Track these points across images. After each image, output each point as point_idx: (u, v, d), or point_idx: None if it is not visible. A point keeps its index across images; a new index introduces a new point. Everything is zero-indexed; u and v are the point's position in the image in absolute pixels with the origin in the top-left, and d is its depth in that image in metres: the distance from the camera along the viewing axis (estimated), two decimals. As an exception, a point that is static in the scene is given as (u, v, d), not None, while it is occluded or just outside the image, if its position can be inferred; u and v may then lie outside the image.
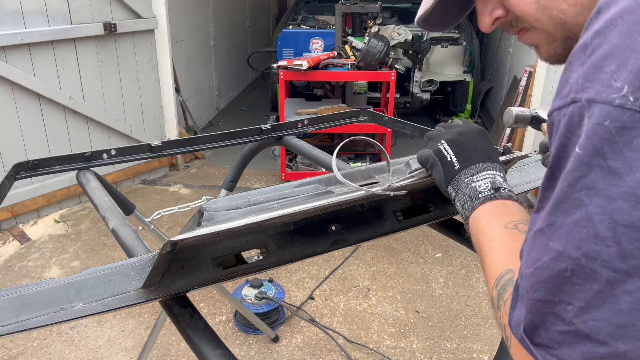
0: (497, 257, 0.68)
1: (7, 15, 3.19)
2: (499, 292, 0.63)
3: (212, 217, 0.81)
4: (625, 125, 0.44)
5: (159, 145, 1.51)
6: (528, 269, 0.53)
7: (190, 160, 4.78)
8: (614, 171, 0.45)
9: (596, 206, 0.46)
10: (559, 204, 0.50)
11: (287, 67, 3.76)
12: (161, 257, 0.78)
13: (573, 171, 0.48)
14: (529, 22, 0.67)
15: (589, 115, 0.47)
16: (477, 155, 0.82)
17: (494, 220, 0.74)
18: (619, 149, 0.45)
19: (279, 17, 7.35)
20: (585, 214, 0.47)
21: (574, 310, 0.48)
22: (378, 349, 2.54)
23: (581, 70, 0.49)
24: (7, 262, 3.21)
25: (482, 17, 0.73)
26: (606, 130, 0.45)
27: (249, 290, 2.70)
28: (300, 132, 1.76)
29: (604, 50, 0.47)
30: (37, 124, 3.51)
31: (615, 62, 0.46)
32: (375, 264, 3.22)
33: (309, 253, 0.97)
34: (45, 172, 1.41)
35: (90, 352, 2.52)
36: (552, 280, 0.49)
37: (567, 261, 0.48)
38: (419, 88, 4.97)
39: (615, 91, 0.45)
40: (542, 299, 0.50)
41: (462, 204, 0.80)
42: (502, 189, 0.78)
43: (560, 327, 0.49)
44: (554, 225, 0.50)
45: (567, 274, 0.48)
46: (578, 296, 0.48)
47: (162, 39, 4.20)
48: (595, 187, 0.46)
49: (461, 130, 0.86)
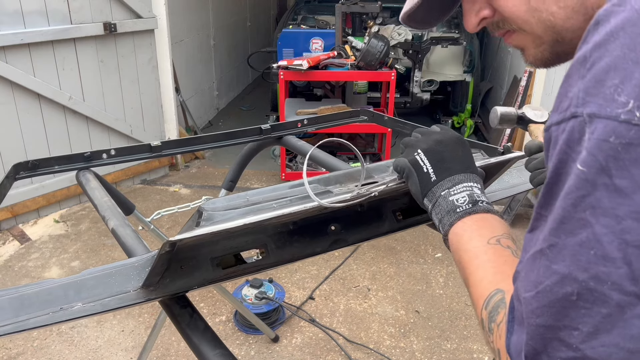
0: (484, 276, 0.65)
1: (7, 15, 3.19)
2: (489, 314, 0.60)
3: (211, 217, 0.81)
4: (631, 142, 0.43)
5: (158, 145, 1.51)
6: (528, 292, 0.50)
7: (190, 160, 4.78)
8: (621, 190, 0.43)
9: (603, 226, 0.44)
10: (561, 224, 0.47)
11: (287, 67, 3.76)
12: (160, 257, 0.78)
13: (576, 189, 0.46)
14: (516, 24, 0.65)
15: (590, 130, 0.45)
16: (454, 166, 0.79)
17: (475, 236, 0.71)
18: (624, 166, 0.43)
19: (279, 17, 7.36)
20: (591, 235, 0.45)
21: (580, 335, 0.46)
22: (378, 349, 2.54)
23: (581, 83, 0.47)
24: (7, 262, 3.21)
25: (469, 16, 0.72)
26: (611, 147, 0.43)
27: (249, 290, 2.70)
28: (300, 132, 1.76)
29: (605, 63, 0.45)
30: (37, 124, 3.51)
31: (619, 76, 0.44)
32: (375, 264, 3.22)
33: (308, 253, 0.97)
34: (45, 172, 1.41)
35: (90, 352, 2.52)
36: (557, 305, 0.47)
37: (573, 284, 0.46)
38: (419, 88, 4.97)
39: (620, 106, 0.43)
40: (546, 325, 0.48)
41: (439, 218, 0.77)
42: (479, 202, 0.75)
43: (565, 354, 0.47)
44: (557, 247, 0.47)
45: (573, 297, 0.46)
46: (585, 321, 0.45)
47: (162, 39, 4.20)
48: (602, 207, 0.44)
49: (438, 138, 0.82)
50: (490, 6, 0.68)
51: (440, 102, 5.67)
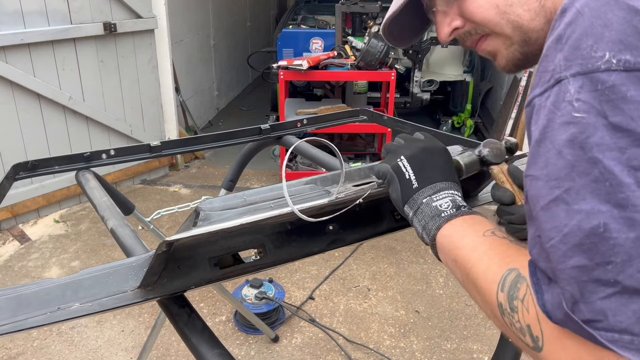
0: (490, 264, 0.65)
1: (7, 15, 3.19)
2: (509, 293, 0.59)
3: (208, 217, 0.81)
4: (614, 84, 0.49)
5: (158, 146, 1.51)
6: (553, 239, 0.52)
7: (190, 160, 4.79)
8: (618, 125, 0.49)
9: (611, 159, 0.49)
10: (572, 168, 0.51)
11: (287, 67, 3.76)
12: (157, 257, 0.78)
13: (580, 134, 0.50)
14: (488, 27, 0.72)
15: (577, 86, 0.51)
16: (436, 175, 0.79)
17: (469, 232, 0.71)
18: (615, 105, 0.49)
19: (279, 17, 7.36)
20: (603, 169, 0.49)
21: (615, 267, 0.47)
22: (378, 349, 2.54)
23: (560, 54, 0.54)
24: (7, 262, 3.21)
25: (441, 27, 0.78)
26: (601, 93, 0.50)
27: (249, 290, 2.70)
28: (300, 132, 1.76)
29: (578, 33, 0.52)
30: (37, 124, 3.51)
31: (592, 39, 0.51)
32: (375, 264, 3.22)
33: (306, 253, 0.97)
34: (45, 172, 1.41)
35: (90, 352, 2.52)
36: (586, 242, 0.49)
37: (598, 217, 0.48)
38: (419, 88, 4.97)
39: (598, 60, 0.50)
40: (579, 265, 0.49)
41: (423, 224, 0.77)
42: (462, 207, 0.76)
43: (603, 292, 0.48)
44: (573, 189, 0.50)
45: (600, 229, 0.48)
46: (617, 251, 0.47)
47: (162, 39, 4.20)
48: (605, 143, 0.49)
49: (422, 146, 0.83)
50: (461, 17, 0.75)
51: (440, 102, 5.67)
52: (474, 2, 0.72)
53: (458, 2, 0.74)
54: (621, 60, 0.49)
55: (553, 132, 0.53)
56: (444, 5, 0.76)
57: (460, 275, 0.70)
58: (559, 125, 0.52)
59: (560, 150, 0.52)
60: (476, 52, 0.79)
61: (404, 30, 0.87)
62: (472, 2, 0.72)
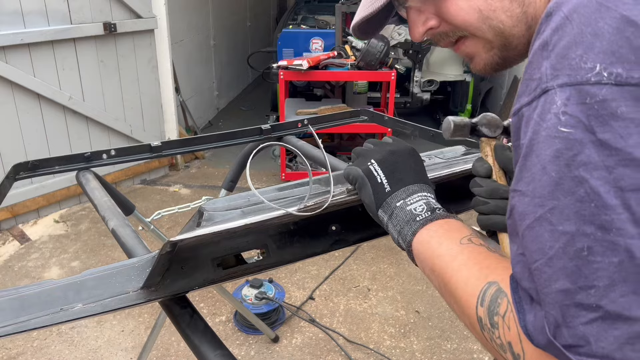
0: (469, 275, 0.62)
1: (7, 15, 3.19)
2: (488, 309, 0.58)
3: (212, 218, 0.81)
4: (605, 98, 0.47)
5: (158, 146, 1.51)
6: (538, 261, 0.50)
7: (190, 160, 4.78)
8: (606, 143, 0.47)
9: (597, 179, 0.46)
10: (557, 186, 0.49)
11: (287, 67, 3.75)
12: (161, 257, 0.77)
13: (567, 150, 0.48)
14: (469, 31, 0.69)
15: (563, 98, 0.49)
16: (408, 177, 0.78)
17: (445, 240, 0.69)
18: (605, 121, 0.47)
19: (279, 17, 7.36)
20: (589, 189, 0.47)
21: (598, 292, 0.46)
22: (378, 349, 2.54)
23: (547, 62, 0.51)
24: (7, 262, 3.20)
25: (415, 26, 0.74)
26: (589, 107, 0.47)
27: (249, 290, 2.69)
28: (300, 132, 1.76)
29: (566, 41, 0.50)
30: (37, 124, 3.51)
31: (581, 48, 0.48)
32: (375, 264, 3.22)
33: (309, 253, 0.97)
34: (45, 172, 1.41)
35: (90, 353, 2.52)
36: (570, 266, 0.48)
37: (582, 240, 0.47)
38: (419, 88, 4.97)
39: (588, 71, 0.48)
40: (562, 289, 0.48)
41: (398, 230, 0.75)
42: (437, 209, 0.74)
43: (585, 317, 0.47)
44: (557, 208, 0.49)
45: (584, 253, 0.47)
46: (600, 275, 0.46)
47: (162, 39, 4.20)
48: (592, 162, 0.47)
49: (392, 149, 0.81)
50: (436, 17, 0.72)
51: (440, 102, 5.67)
52: (454, 4, 0.68)
53: (435, 1, 0.70)
54: (612, 73, 0.47)
55: (538, 145, 0.51)
56: (418, 2, 0.72)
57: (438, 284, 0.68)
58: (544, 139, 0.50)
59: (544, 166, 0.50)
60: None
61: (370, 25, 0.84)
62: (452, 4, 0.68)
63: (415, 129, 1.69)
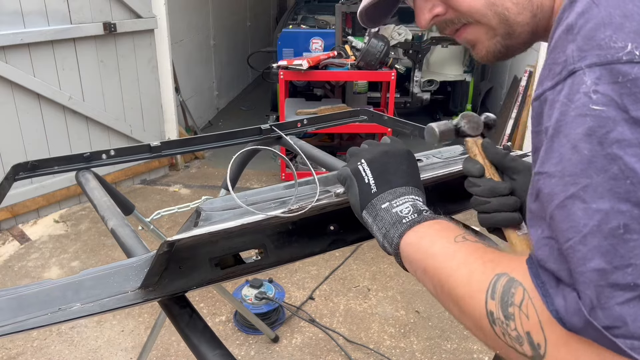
0: (472, 271, 0.60)
1: (6, 15, 3.19)
2: (502, 300, 0.55)
3: (209, 217, 0.81)
4: (638, 76, 0.47)
5: (158, 146, 1.51)
6: (571, 240, 0.49)
7: (190, 160, 4.78)
8: (639, 120, 0.46)
9: (632, 155, 0.46)
10: (589, 164, 0.48)
11: (287, 67, 3.75)
12: (158, 257, 0.78)
13: (599, 128, 0.48)
14: (474, 17, 0.70)
15: (595, 77, 0.48)
16: (396, 179, 0.76)
17: (438, 239, 0.67)
18: (638, 99, 0.46)
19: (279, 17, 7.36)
20: (623, 166, 0.46)
21: (635, 271, 0.45)
22: (378, 349, 2.54)
23: (573, 45, 0.51)
24: (7, 262, 3.20)
25: (421, 13, 0.74)
26: (622, 86, 0.47)
27: (249, 290, 2.69)
28: (300, 132, 1.76)
29: (594, 23, 0.50)
30: (37, 124, 3.51)
31: (610, 29, 0.48)
32: (375, 264, 3.22)
33: (307, 253, 0.97)
34: (45, 172, 1.41)
35: (90, 353, 2.52)
36: (605, 244, 0.46)
37: (618, 217, 0.46)
38: (419, 88, 4.97)
39: (619, 50, 0.47)
40: (598, 268, 0.46)
41: (384, 232, 0.73)
42: (424, 211, 0.73)
43: (622, 297, 0.45)
44: (591, 186, 0.48)
45: (620, 231, 0.46)
46: (637, 253, 0.45)
47: (162, 39, 4.20)
48: (626, 139, 0.46)
49: (384, 150, 0.80)
50: (443, 4, 0.72)
51: (440, 102, 5.67)
52: None
53: None
54: None
55: (567, 125, 0.50)
56: None
57: (433, 286, 0.65)
58: (574, 118, 0.49)
59: (575, 145, 0.49)
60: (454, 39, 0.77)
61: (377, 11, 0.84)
62: None
63: (415, 129, 1.69)
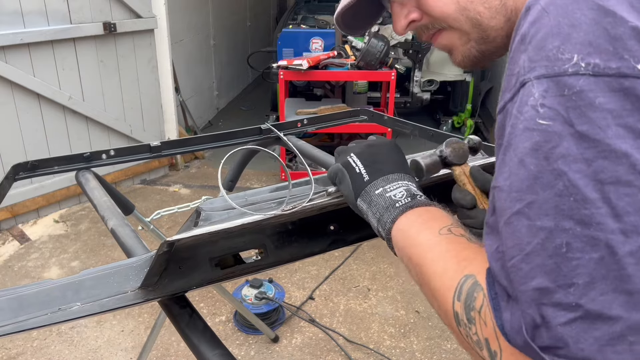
0: (446, 267, 0.60)
1: (6, 15, 3.19)
2: (465, 303, 0.55)
3: (209, 217, 0.81)
4: (582, 89, 0.46)
5: (158, 146, 1.51)
6: (515, 258, 0.48)
7: (190, 160, 4.78)
8: (585, 135, 0.46)
9: (576, 172, 0.45)
10: (535, 180, 0.47)
11: (287, 66, 3.75)
12: (158, 257, 0.77)
13: (546, 143, 0.47)
14: (447, 22, 0.69)
15: (542, 90, 0.48)
16: (388, 167, 0.77)
17: (424, 229, 0.67)
18: (582, 113, 0.46)
19: (279, 17, 7.35)
20: (567, 182, 0.46)
21: (577, 290, 0.44)
22: (378, 349, 2.53)
23: (524, 55, 0.50)
24: (7, 262, 3.20)
25: (398, 19, 0.74)
26: (568, 99, 0.46)
27: (249, 290, 2.69)
28: (300, 132, 1.76)
29: (543, 32, 0.49)
30: (37, 124, 3.51)
31: (558, 40, 0.48)
32: (375, 264, 3.22)
33: (307, 253, 0.97)
34: (45, 172, 1.41)
35: (89, 353, 2.52)
36: (548, 263, 0.46)
37: (561, 235, 0.45)
38: (419, 88, 4.97)
39: (565, 62, 0.47)
40: (540, 287, 0.46)
41: (378, 217, 0.73)
42: (418, 196, 0.73)
43: (565, 317, 0.45)
44: (536, 203, 0.47)
45: (563, 249, 0.45)
46: (579, 272, 0.44)
47: (162, 38, 4.19)
48: (571, 154, 0.46)
49: (371, 143, 0.82)
50: (418, 9, 0.72)
51: (440, 102, 5.67)
52: None
53: None
54: (590, 64, 0.46)
55: (516, 139, 0.49)
56: None
57: (415, 275, 0.66)
58: (522, 132, 0.49)
59: (522, 159, 0.48)
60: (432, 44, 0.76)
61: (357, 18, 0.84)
62: None
63: (415, 129, 1.69)
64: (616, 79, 0.45)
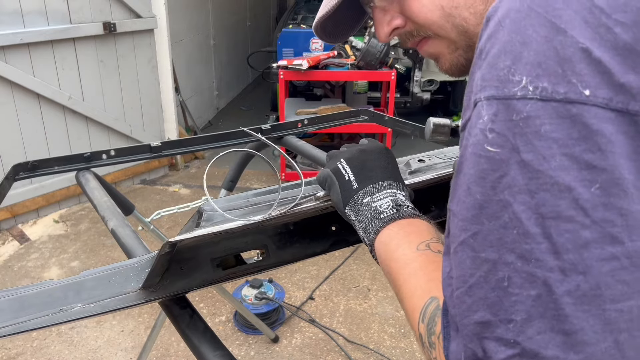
0: (416, 286, 0.60)
1: (6, 15, 3.19)
2: (427, 326, 0.54)
3: (211, 218, 0.81)
4: (529, 115, 0.44)
5: (158, 146, 1.51)
6: (459, 289, 0.47)
7: (190, 160, 4.78)
8: (529, 164, 0.43)
9: (521, 203, 0.43)
10: (481, 210, 0.46)
11: (287, 66, 3.75)
12: (160, 258, 0.77)
13: (493, 171, 0.45)
14: (432, 30, 0.66)
15: (492, 113, 0.46)
16: (377, 174, 0.75)
17: (404, 243, 0.66)
18: (528, 140, 0.44)
19: (279, 17, 7.35)
20: (512, 214, 0.44)
21: (516, 327, 0.43)
22: (378, 350, 2.53)
23: (479, 73, 0.48)
24: (7, 262, 3.20)
25: (380, 26, 0.72)
26: (515, 124, 0.44)
27: (249, 290, 2.69)
28: (300, 132, 1.76)
29: (497, 49, 0.47)
30: (37, 124, 3.51)
31: (509, 58, 0.45)
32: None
33: (308, 253, 0.97)
34: (45, 172, 1.41)
35: (89, 353, 2.52)
36: (491, 296, 0.45)
37: (504, 269, 0.44)
38: (419, 88, 4.96)
39: (515, 84, 0.45)
40: (482, 321, 0.45)
41: (363, 227, 0.72)
42: (404, 207, 0.72)
43: (504, 353, 0.44)
44: (481, 234, 0.46)
45: (505, 283, 0.44)
46: (518, 308, 0.43)
47: (162, 38, 4.19)
48: (517, 185, 0.44)
49: (362, 148, 0.80)
50: (402, 16, 0.69)
51: (440, 101, 5.67)
52: (417, 1, 0.65)
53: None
54: (538, 87, 0.43)
55: (465, 163, 0.48)
56: (384, 1, 0.69)
57: (393, 289, 0.66)
58: (470, 156, 0.47)
59: (469, 187, 0.47)
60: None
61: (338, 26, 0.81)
62: (415, 1, 0.65)
63: (415, 129, 1.69)
64: (563, 105, 0.43)
